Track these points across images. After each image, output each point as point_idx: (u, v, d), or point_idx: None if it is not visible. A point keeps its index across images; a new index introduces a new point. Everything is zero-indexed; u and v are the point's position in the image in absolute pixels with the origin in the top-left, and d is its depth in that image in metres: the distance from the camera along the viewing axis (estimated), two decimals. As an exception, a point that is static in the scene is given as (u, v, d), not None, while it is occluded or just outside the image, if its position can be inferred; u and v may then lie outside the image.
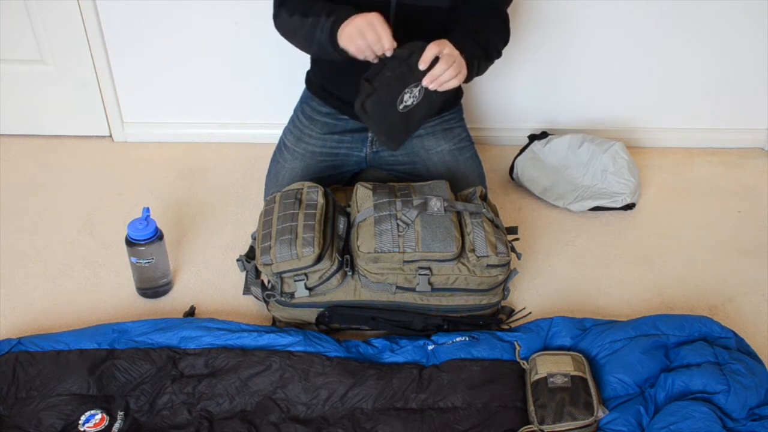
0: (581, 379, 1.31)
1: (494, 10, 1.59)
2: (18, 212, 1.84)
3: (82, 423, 1.29)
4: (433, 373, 1.39)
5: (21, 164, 2.01)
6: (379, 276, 1.45)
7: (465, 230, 1.47)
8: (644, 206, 1.94)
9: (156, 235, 1.54)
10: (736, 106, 2.14)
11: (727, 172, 2.09)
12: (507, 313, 1.58)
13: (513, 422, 1.31)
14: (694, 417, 1.21)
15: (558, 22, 1.95)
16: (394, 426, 1.31)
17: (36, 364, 1.38)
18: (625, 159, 1.89)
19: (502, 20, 1.61)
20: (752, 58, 2.03)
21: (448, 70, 1.37)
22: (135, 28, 1.93)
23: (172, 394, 1.35)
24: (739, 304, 1.65)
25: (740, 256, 1.79)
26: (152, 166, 2.03)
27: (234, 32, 1.95)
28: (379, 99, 1.38)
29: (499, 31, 1.60)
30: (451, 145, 1.75)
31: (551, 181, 1.93)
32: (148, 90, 2.06)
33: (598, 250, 1.79)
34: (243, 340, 1.43)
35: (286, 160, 1.75)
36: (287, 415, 1.33)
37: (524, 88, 2.08)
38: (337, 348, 1.43)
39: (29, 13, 1.89)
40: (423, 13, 1.52)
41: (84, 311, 1.58)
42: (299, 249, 1.40)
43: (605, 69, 2.05)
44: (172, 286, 1.65)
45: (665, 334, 1.40)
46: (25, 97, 2.04)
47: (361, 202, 1.51)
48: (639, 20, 1.95)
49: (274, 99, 2.04)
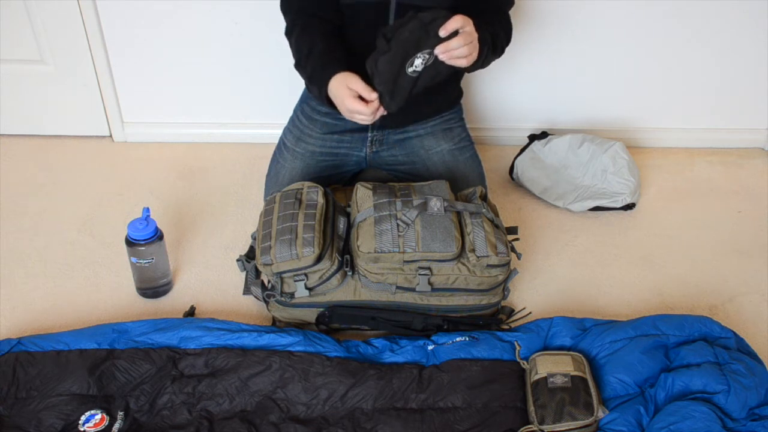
0: (581, 379, 1.31)
1: (496, 13, 1.59)
2: (18, 212, 1.84)
3: (82, 423, 1.29)
4: (433, 373, 1.39)
5: (21, 164, 2.01)
6: (379, 276, 1.45)
7: (465, 230, 1.46)
8: (644, 206, 1.94)
9: (156, 235, 1.54)
10: (736, 106, 2.14)
11: (727, 172, 2.09)
12: (507, 313, 1.58)
13: (513, 422, 1.31)
14: (694, 417, 1.21)
15: (558, 21, 1.95)
16: (394, 426, 1.31)
17: (36, 364, 1.38)
18: (625, 159, 1.89)
19: (506, 20, 1.62)
20: (752, 58, 2.03)
21: (464, 47, 1.36)
22: (135, 28, 1.93)
23: (172, 394, 1.35)
24: (739, 304, 1.65)
25: (740, 256, 1.79)
26: (152, 166, 2.03)
27: (234, 32, 1.95)
28: (393, 58, 1.37)
29: (504, 30, 1.60)
30: (451, 145, 1.75)
31: (551, 181, 1.93)
32: (148, 90, 2.06)
33: (598, 250, 1.79)
34: (243, 340, 1.43)
35: (286, 160, 1.75)
36: (287, 415, 1.33)
37: (524, 88, 2.08)
38: (337, 348, 1.43)
39: (29, 13, 1.89)
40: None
41: (84, 311, 1.58)
42: (299, 249, 1.40)
43: (605, 69, 2.05)
44: (172, 286, 1.65)
45: (665, 334, 1.40)
46: (25, 97, 2.04)
47: (361, 202, 1.51)
48: (639, 20, 1.95)
49: (274, 99, 2.04)
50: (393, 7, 1.52)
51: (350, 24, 1.56)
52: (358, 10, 1.53)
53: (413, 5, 1.49)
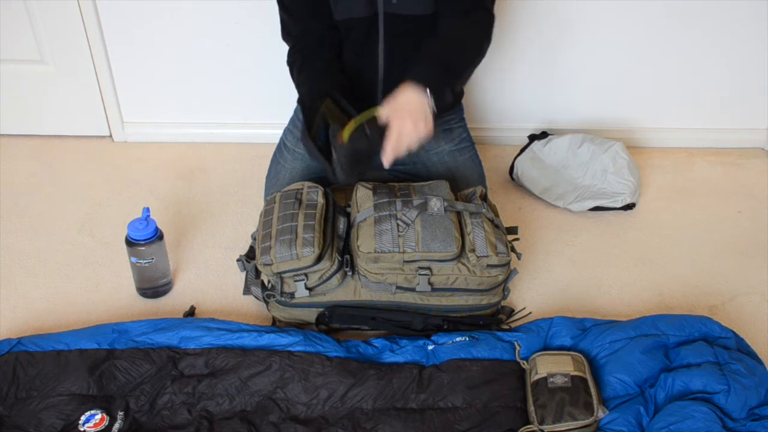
0: (581, 379, 1.31)
1: (476, 10, 1.55)
2: (18, 212, 1.84)
3: (82, 423, 1.29)
4: (433, 373, 1.39)
5: (21, 164, 2.01)
6: (379, 276, 1.45)
7: (465, 230, 1.46)
8: (644, 206, 1.94)
9: (156, 235, 1.54)
10: (736, 106, 2.14)
11: (727, 172, 2.09)
12: (507, 313, 1.58)
13: (513, 422, 1.31)
14: (694, 417, 1.21)
15: (558, 22, 1.95)
16: (394, 426, 1.31)
17: (36, 364, 1.38)
18: (625, 159, 1.89)
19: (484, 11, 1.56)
20: (752, 58, 2.03)
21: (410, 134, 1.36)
22: (135, 28, 1.93)
23: (172, 394, 1.35)
24: (739, 304, 1.65)
25: (740, 256, 1.79)
26: (152, 166, 2.03)
27: (234, 32, 1.95)
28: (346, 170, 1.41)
29: (479, 32, 1.56)
30: (452, 146, 1.75)
31: (551, 181, 1.93)
32: (148, 90, 2.06)
33: (598, 250, 1.79)
34: (243, 340, 1.43)
35: (286, 161, 1.75)
36: (287, 415, 1.33)
37: (524, 88, 2.08)
38: (337, 348, 1.43)
39: (29, 13, 1.89)
40: (411, 22, 1.56)
41: (84, 311, 1.58)
42: (299, 249, 1.40)
43: (605, 69, 2.05)
44: (172, 286, 1.65)
45: (665, 334, 1.40)
46: (25, 97, 2.04)
47: (361, 202, 1.51)
48: (639, 20, 1.95)
49: (274, 99, 2.04)
50: (381, 19, 1.56)
51: (344, 38, 1.61)
52: (351, 25, 1.58)
53: (400, 15, 1.54)
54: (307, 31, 1.61)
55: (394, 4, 1.53)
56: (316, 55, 1.61)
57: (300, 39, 1.62)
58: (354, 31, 1.59)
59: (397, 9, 1.54)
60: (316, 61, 1.61)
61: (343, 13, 1.56)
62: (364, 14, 1.55)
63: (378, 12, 1.55)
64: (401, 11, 1.54)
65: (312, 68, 1.60)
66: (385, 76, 1.63)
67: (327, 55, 1.62)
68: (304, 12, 1.58)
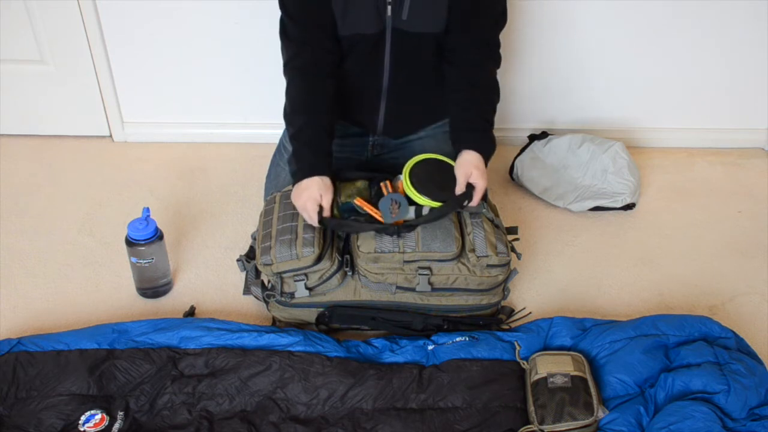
0: (581, 379, 1.31)
1: (483, 40, 1.56)
2: (18, 212, 1.84)
3: (82, 423, 1.29)
4: (433, 373, 1.39)
5: (21, 164, 2.01)
6: (379, 276, 1.45)
7: (465, 230, 1.47)
8: (644, 206, 1.94)
9: (156, 235, 1.54)
10: (736, 106, 2.14)
11: (727, 172, 2.09)
12: (507, 313, 1.58)
13: (513, 422, 1.31)
14: (694, 417, 1.21)
15: (558, 22, 1.95)
16: (394, 426, 1.31)
17: (36, 364, 1.38)
18: (625, 159, 1.89)
19: (493, 47, 1.58)
20: (752, 58, 2.03)
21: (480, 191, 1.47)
22: (135, 28, 1.93)
23: (172, 394, 1.35)
24: (739, 304, 1.65)
25: (740, 256, 1.79)
26: (152, 166, 2.03)
27: (234, 32, 1.94)
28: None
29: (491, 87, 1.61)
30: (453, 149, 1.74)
31: (551, 181, 1.93)
32: (148, 90, 2.05)
33: (598, 250, 1.79)
34: (243, 340, 1.43)
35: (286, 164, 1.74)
36: (287, 415, 1.33)
37: (524, 88, 2.08)
38: (337, 348, 1.43)
39: (29, 13, 1.89)
40: (418, 39, 1.52)
41: (84, 311, 1.58)
42: (299, 249, 1.40)
43: (605, 69, 2.05)
44: (172, 286, 1.65)
45: (665, 334, 1.40)
46: (25, 97, 2.04)
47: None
48: (639, 21, 1.95)
49: (274, 99, 2.02)
50: (389, 36, 1.51)
51: (347, 53, 1.55)
52: (356, 41, 1.52)
53: (408, 32, 1.49)
54: (307, 40, 1.53)
55: (404, 21, 1.48)
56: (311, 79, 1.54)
57: (297, 53, 1.55)
58: (359, 46, 1.53)
59: (406, 26, 1.49)
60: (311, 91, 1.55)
61: (350, 29, 1.50)
62: (371, 30, 1.50)
63: (386, 28, 1.50)
64: (411, 29, 1.49)
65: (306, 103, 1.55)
66: (389, 88, 1.60)
67: (322, 84, 1.54)
68: (307, 20, 1.51)
